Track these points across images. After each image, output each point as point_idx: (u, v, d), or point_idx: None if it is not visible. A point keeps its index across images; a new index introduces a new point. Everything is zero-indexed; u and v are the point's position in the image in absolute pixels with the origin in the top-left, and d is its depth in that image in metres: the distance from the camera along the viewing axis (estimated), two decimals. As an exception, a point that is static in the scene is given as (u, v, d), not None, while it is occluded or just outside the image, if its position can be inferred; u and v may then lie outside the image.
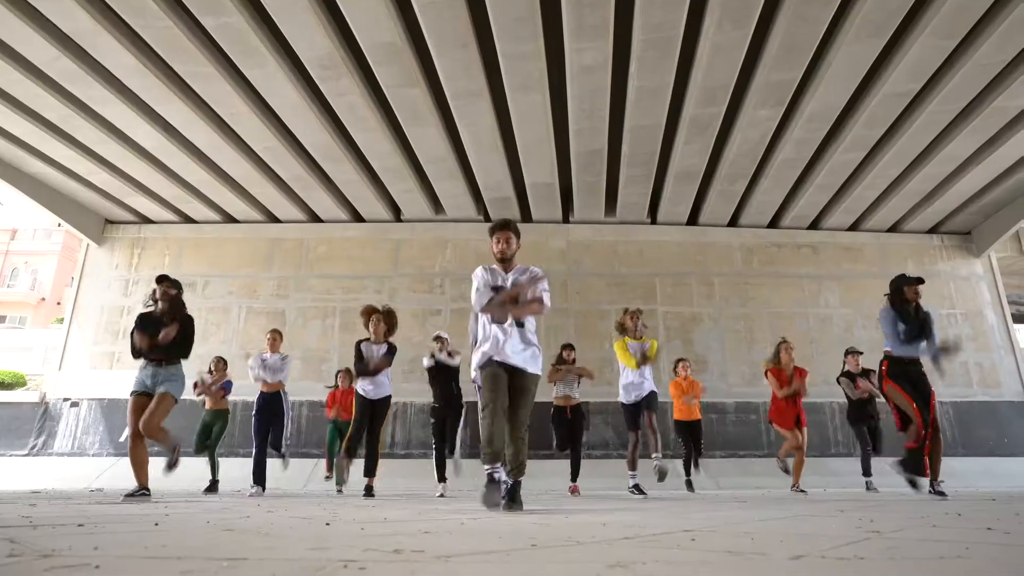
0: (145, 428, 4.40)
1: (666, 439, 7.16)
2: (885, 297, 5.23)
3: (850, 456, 11.04)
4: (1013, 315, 13.40)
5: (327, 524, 1.87)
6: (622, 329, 6.42)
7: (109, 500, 3.92)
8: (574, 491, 6.87)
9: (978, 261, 12.81)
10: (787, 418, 6.99)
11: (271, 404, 7.06)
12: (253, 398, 11.46)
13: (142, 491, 4.35)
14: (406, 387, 11.01)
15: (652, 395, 6.22)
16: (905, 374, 4.86)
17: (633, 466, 6.09)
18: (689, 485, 7.93)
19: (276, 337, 7.36)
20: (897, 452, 5.06)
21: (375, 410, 6.24)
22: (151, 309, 4.95)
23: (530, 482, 9.01)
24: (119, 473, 9.61)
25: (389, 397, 6.46)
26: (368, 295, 12.36)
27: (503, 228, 3.81)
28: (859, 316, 12.32)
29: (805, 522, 2.00)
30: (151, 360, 4.64)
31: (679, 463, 8.75)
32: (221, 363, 8.16)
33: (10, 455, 11.15)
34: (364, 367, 6.13)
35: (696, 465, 8.03)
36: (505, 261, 3.79)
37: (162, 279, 5.00)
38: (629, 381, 6.25)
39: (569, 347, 7.58)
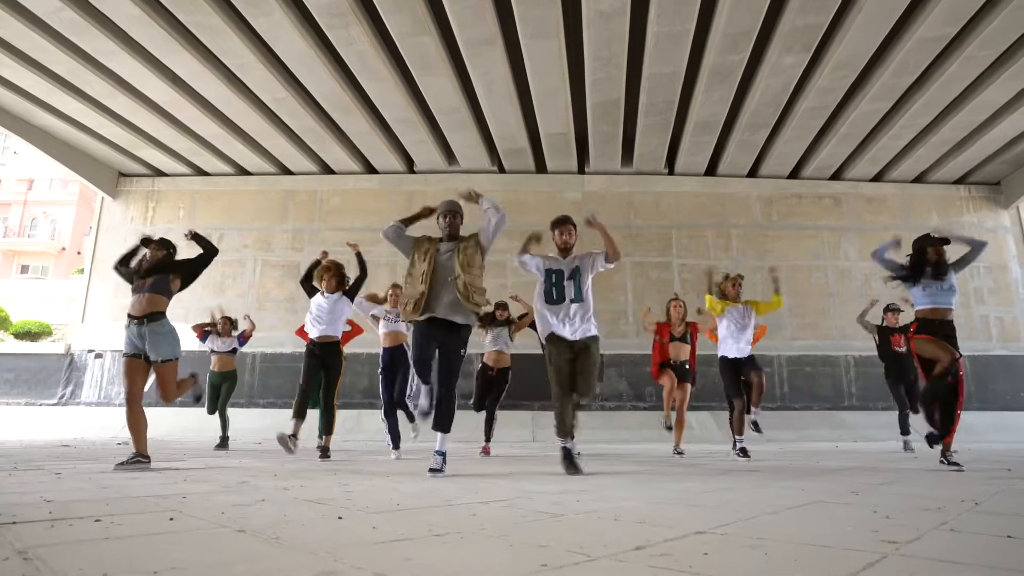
0: (166, 399, 4.31)
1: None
2: (907, 258, 4.89)
3: (864, 410, 11.10)
4: (1039, 265, 13.13)
5: (339, 518, 1.88)
6: (722, 295, 6.03)
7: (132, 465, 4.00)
8: (485, 451, 6.46)
9: (1005, 213, 12.45)
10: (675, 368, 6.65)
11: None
12: (271, 350, 11.70)
13: (137, 458, 3.95)
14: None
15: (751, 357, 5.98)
16: (934, 333, 4.50)
17: (740, 431, 5.72)
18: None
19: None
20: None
21: (324, 361, 5.63)
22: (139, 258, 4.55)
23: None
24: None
25: (337, 343, 5.75)
26: (382, 247, 12.32)
27: (565, 222, 4.34)
28: (879, 269, 12.07)
29: (818, 518, 1.99)
30: (133, 319, 4.25)
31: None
32: (227, 323, 8.00)
33: (40, 404, 11.52)
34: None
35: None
36: (567, 250, 4.30)
37: (148, 241, 4.58)
38: (727, 335, 5.96)
39: (503, 306, 7.09)
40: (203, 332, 7.82)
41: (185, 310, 11.82)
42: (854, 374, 11.46)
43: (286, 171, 12.63)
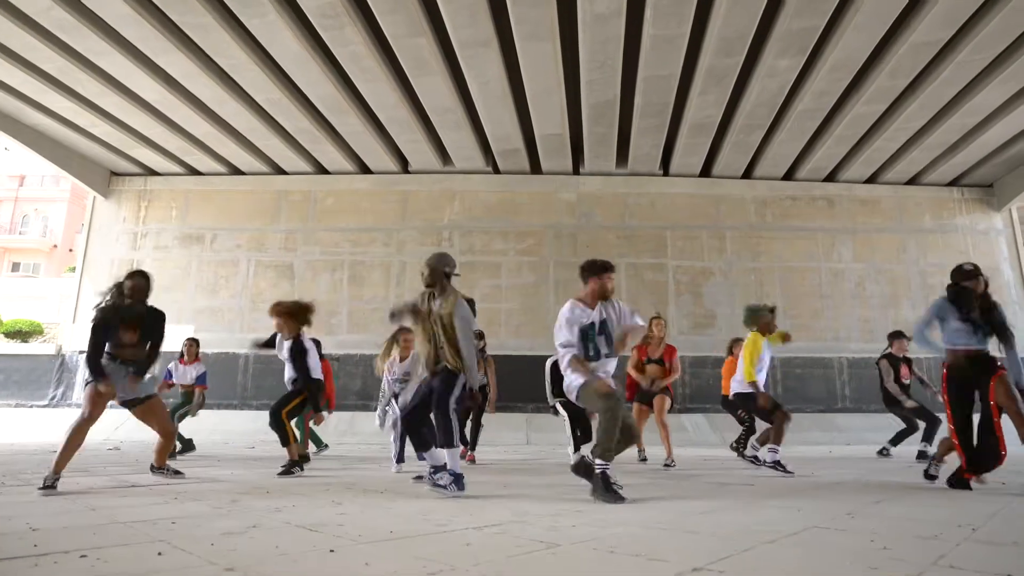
0: (166, 434, 4.35)
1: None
2: (948, 288, 4.20)
3: (857, 412, 11.14)
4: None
5: (331, 551, 1.85)
6: (766, 330, 5.53)
7: (120, 481, 3.96)
8: (470, 459, 6.34)
9: (998, 215, 12.50)
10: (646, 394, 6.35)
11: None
12: (263, 351, 11.63)
13: (53, 480, 3.61)
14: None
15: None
16: (965, 379, 4.01)
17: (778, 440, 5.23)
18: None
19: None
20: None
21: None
22: (111, 302, 4.19)
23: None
24: (137, 425, 9.79)
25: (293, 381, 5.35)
26: (376, 248, 12.34)
27: (611, 269, 4.03)
28: (872, 271, 12.17)
29: (816, 549, 1.98)
30: (120, 360, 4.07)
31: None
32: (194, 346, 7.58)
33: (31, 405, 11.44)
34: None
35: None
36: (606, 298, 3.98)
37: (132, 275, 4.33)
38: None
39: (478, 335, 6.63)
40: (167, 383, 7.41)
41: (179, 310, 11.79)
42: (847, 376, 11.50)
43: (280, 171, 12.55)
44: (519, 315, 11.89)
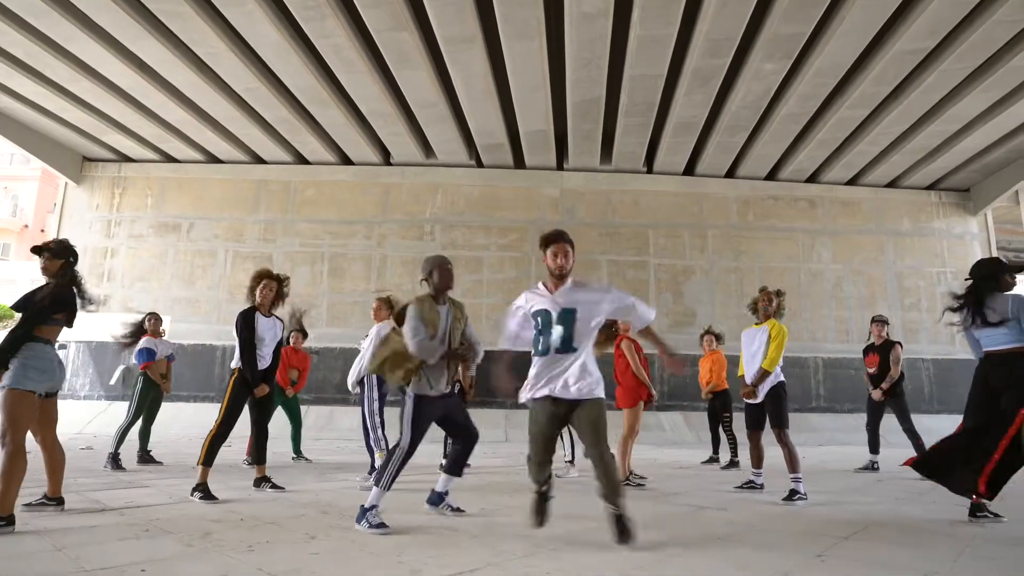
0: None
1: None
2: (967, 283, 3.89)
3: (831, 412, 11.33)
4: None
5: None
6: (754, 309, 5.13)
7: (90, 502, 3.86)
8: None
9: (973, 219, 12.71)
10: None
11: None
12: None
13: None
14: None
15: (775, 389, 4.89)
16: (984, 384, 3.70)
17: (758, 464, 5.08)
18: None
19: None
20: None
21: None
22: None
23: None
24: (111, 419, 9.62)
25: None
26: (357, 240, 12.20)
27: (559, 239, 3.21)
28: (850, 272, 12.32)
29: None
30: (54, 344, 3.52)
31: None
32: (156, 322, 6.66)
33: (0, 396, 11.18)
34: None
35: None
36: (562, 277, 3.21)
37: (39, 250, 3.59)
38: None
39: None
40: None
41: (154, 300, 11.57)
42: (822, 376, 11.66)
43: (259, 160, 12.31)
44: (500, 310, 11.80)
